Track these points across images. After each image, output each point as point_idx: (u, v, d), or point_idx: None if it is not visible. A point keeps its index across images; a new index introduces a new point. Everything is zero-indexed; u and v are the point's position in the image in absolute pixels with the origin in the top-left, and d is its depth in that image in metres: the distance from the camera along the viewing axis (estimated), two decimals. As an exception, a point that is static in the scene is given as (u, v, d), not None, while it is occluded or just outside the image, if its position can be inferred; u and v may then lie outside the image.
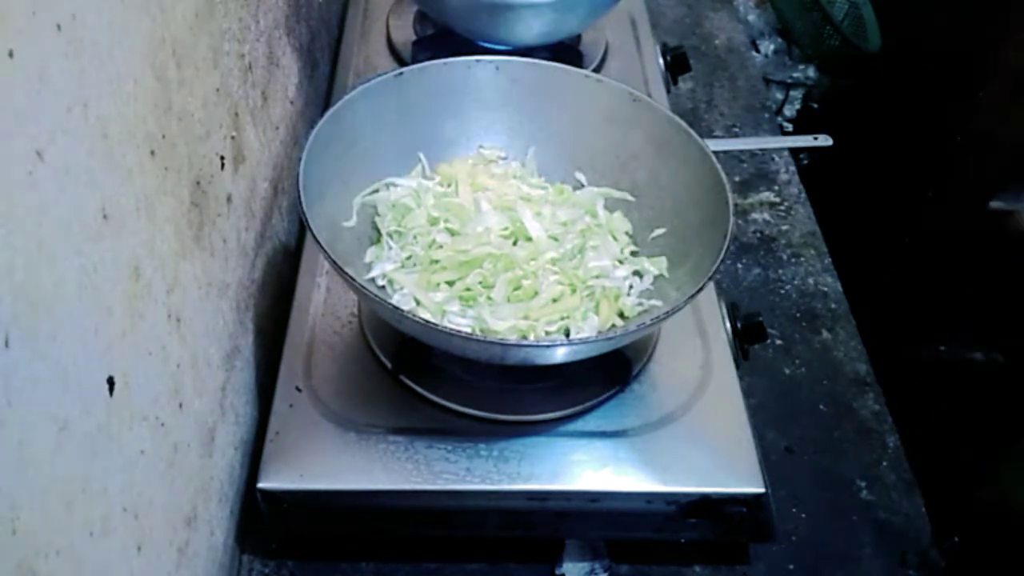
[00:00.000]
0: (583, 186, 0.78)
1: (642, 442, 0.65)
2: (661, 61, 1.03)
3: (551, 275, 0.68)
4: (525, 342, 0.64)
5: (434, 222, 0.72)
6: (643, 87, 0.97)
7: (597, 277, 0.69)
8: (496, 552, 0.69)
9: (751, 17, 1.62)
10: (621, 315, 0.69)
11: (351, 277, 0.59)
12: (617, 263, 0.71)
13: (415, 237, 0.71)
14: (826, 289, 0.93)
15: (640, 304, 0.69)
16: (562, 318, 0.67)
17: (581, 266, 0.70)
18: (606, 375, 0.68)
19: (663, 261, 0.71)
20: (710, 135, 1.10)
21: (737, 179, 1.05)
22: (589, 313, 0.67)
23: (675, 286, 0.69)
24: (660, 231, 0.73)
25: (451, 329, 0.61)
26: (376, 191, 0.73)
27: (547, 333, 0.66)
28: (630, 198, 0.75)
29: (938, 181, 1.32)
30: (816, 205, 1.02)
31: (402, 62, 0.97)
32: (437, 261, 0.69)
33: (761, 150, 1.06)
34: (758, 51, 1.61)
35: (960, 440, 0.87)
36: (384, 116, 0.73)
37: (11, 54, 0.35)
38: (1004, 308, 1.24)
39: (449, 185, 0.75)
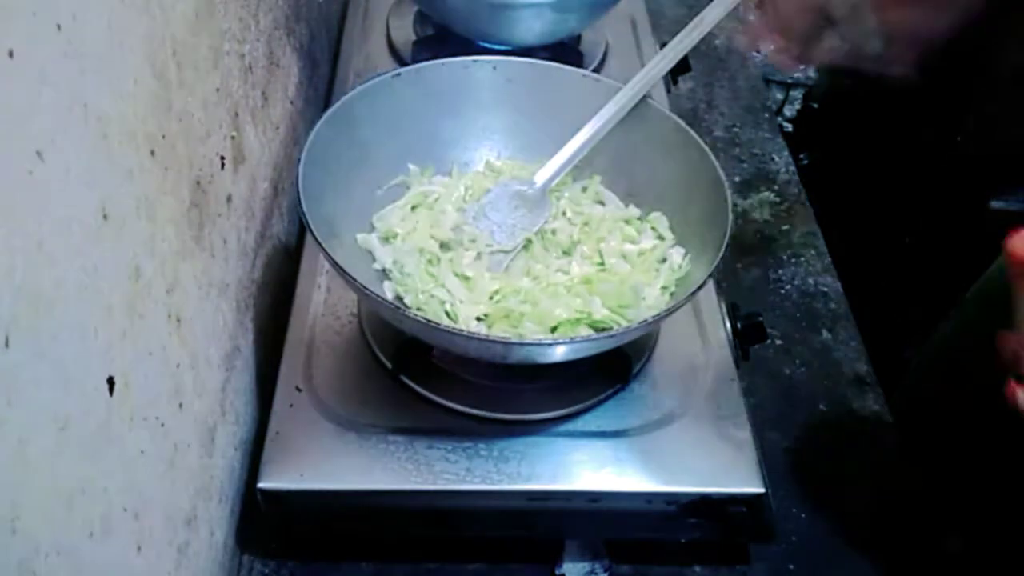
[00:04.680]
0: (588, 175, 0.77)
1: (642, 442, 0.65)
2: (661, 61, 1.03)
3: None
4: (526, 340, 0.64)
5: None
6: (643, 87, 0.96)
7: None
8: (496, 552, 0.69)
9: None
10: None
11: (351, 277, 0.59)
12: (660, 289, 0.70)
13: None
14: (826, 289, 0.93)
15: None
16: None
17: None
18: (606, 374, 0.68)
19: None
20: (709, 134, 1.10)
21: (737, 179, 1.05)
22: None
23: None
24: (660, 231, 0.73)
25: (451, 328, 0.61)
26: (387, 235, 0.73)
27: (552, 331, 0.66)
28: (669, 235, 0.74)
29: (938, 181, 1.32)
30: (816, 205, 1.02)
31: (402, 62, 0.98)
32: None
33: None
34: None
35: (960, 439, 0.87)
36: (383, 116, 0.73)
37: (11, 54, 0.35)
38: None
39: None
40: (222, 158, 0.64)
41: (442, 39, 0.98)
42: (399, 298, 0.68)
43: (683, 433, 0.66)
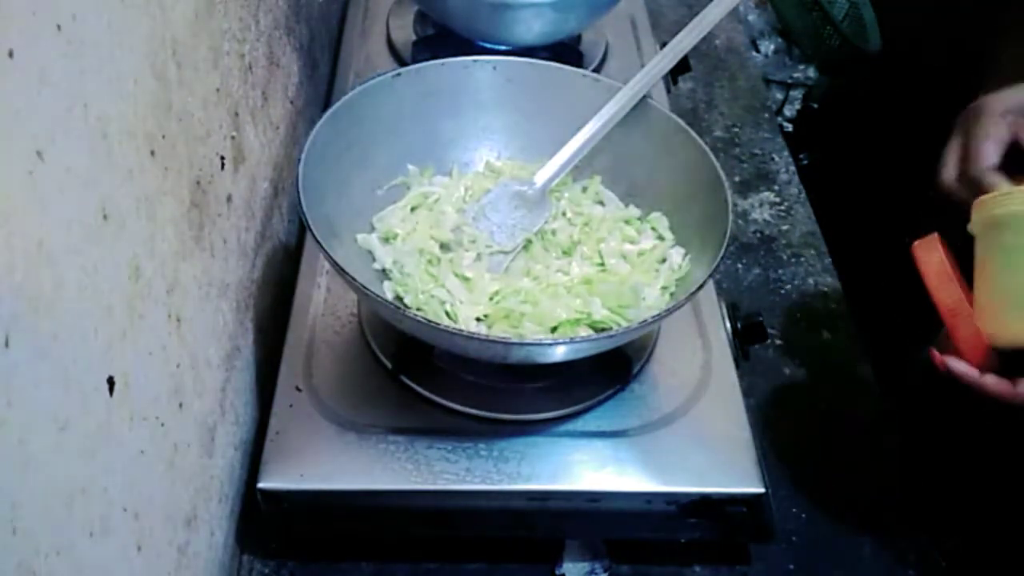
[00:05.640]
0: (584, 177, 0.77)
1: (642, 442, 0.65)
2: (661, 61, 1.03)
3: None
4: (526, 340, 0.64)
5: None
6: (643, 87, 0.96)
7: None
8: (496, 552, 0.69)
9: (751, 17, 1.62)
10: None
11: (351, 277, 0.59)
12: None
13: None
14: (826, 289, 0.93)
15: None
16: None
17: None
18: (606, 374, 0.68)
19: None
20: (710, 134, 1.10)
21: (737, 179, 1.05)
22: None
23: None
24: (660, 231, 0.73)
25: (451, 328, 0.60)
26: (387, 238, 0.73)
27: (552, 331, 0.66)
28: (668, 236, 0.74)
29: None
30: (816, 205, 1.02)
31: (402, 62, 0.98)
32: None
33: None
34: (758, 51, 1.61)
35: (960, 439, 0.87)
36: (383, 116, 0.73)
37: (11, 54, 0.35)
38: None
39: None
40: (222, 158, 0.64)
41: (442, 39, 0.98)
42: (399, 298, 0.68)
43: (683, 433, 0.66)
